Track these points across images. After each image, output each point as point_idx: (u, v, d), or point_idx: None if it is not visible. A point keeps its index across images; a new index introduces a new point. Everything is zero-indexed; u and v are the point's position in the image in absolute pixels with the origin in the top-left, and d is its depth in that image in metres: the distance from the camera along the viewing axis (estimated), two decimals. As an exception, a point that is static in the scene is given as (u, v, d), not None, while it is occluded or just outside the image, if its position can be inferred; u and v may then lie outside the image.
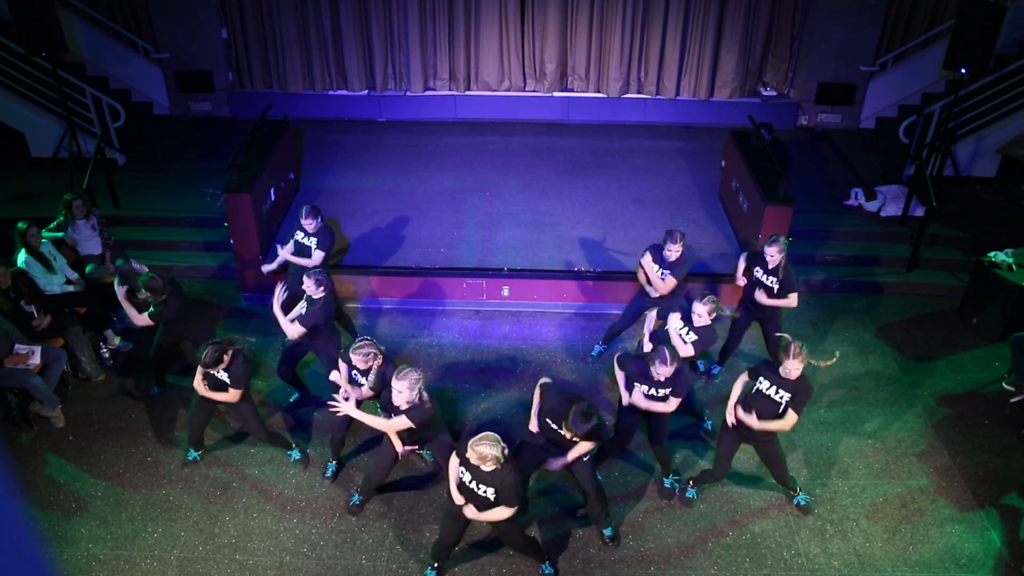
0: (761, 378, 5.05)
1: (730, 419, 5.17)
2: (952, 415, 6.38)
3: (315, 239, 6.36)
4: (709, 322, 5.45)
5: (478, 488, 4.35)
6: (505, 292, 7.50)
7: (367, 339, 5.09)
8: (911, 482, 5.76)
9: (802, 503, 5.55)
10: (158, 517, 5.40)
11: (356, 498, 5.47)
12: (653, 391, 5.12)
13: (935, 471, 5.84)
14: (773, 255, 5.82)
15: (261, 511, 5.46)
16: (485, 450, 4.18)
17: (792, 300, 5.96)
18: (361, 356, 5.03)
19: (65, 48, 7.85)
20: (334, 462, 5.75)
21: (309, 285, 5.58)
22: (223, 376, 5.21)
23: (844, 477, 5.79)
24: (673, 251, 5.98)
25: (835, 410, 6.38)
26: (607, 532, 5.24)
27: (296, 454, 5.84)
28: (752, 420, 4.98)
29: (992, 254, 7.25)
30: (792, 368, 4.82)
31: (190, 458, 5.83)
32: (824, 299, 7.76)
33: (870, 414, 6.37)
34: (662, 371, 4.94)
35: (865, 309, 7.67)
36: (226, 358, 5.10)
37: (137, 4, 10.23)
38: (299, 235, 6.42)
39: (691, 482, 5.63)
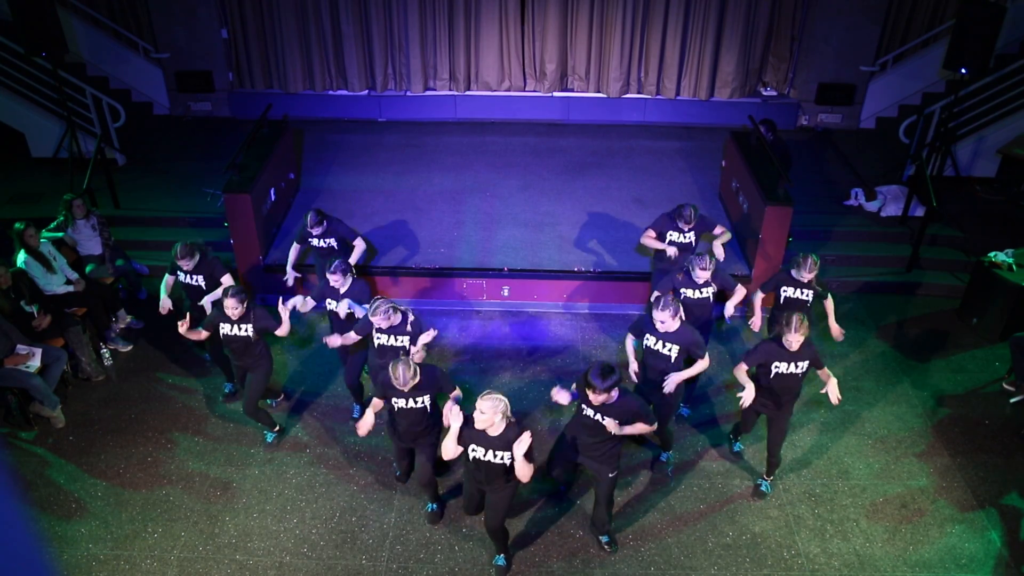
0: (775, 363, 5.01)
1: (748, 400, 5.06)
2: (952, 415, 6.37)
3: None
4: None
5: (495, 457, 4.34)
6: (505, 292, 7.50)
7: (380, 298, 5.16)
8: (911, 482, 5.76)
9: (763, 488, 5.63)
10: (158, 517, 5.40)
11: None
12: (659, 344, 5.14)
13: (935, 471, 5.84)
14: (804, 276, 5.70)
15: (261, 511, 5.46)
16: (487, 405, 4.16)
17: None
18: (382, 316, 5.11)
19: (65, 48, 7.86)
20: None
21: (336, 279, 5.62)
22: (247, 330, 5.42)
23: (844, 477, 5.79)
24: (688, 227, 6.33)
25: (835, 410, 6.38)
26: (603, 539, 5.21)
27: (270, 436, 6.04)
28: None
29: (992, 254, 7.25)
30: (794, 341, 4.84)
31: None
32: (824, 299, 7.75)
33: (870, 414, 6.37)
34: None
35: (865, 309, 7.67)
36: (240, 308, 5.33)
37: (137, 4, 10.23)
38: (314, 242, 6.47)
39: (732, 436, 5.96)
